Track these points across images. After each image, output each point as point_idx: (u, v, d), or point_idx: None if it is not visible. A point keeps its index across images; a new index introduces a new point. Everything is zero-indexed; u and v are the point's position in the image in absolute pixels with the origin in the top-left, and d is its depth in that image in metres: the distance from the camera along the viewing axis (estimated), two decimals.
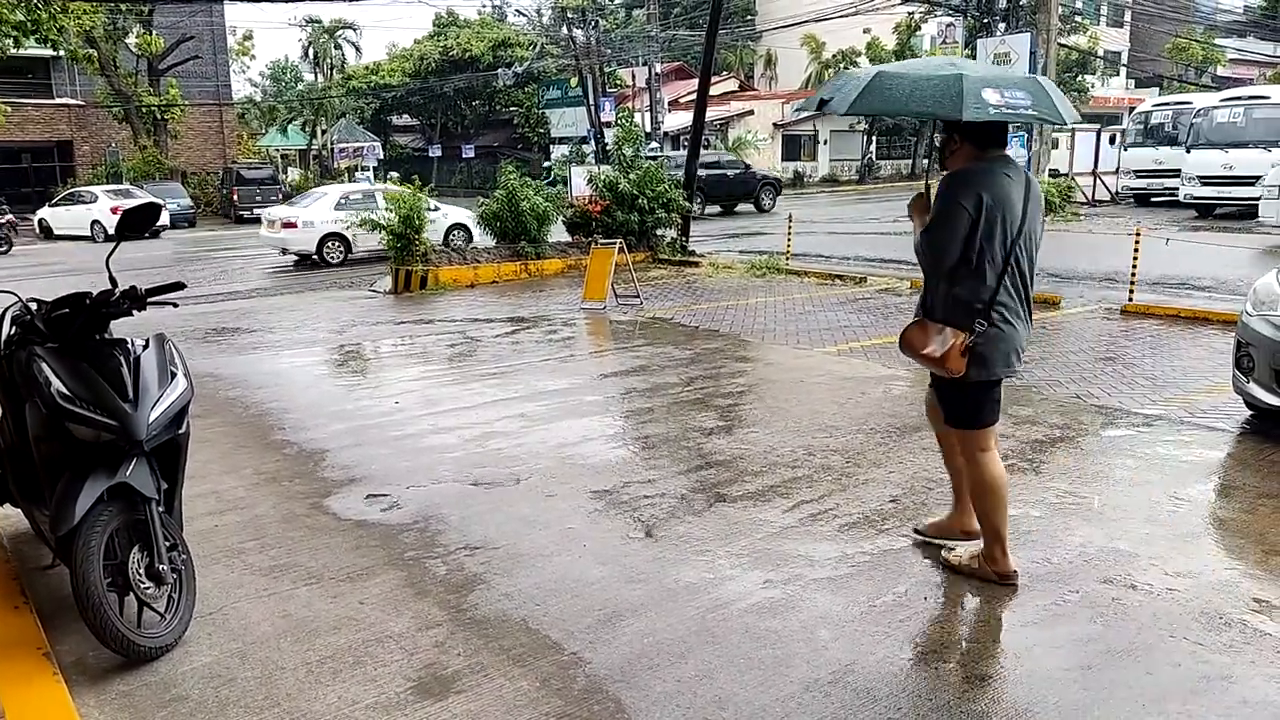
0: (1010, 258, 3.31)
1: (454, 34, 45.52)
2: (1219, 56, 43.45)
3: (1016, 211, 3.29)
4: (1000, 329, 3.35)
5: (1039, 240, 3.42)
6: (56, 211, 26.85)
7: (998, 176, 3.30)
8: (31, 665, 3.05)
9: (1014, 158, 3.46)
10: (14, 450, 3.55)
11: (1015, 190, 3.32)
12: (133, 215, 3.59)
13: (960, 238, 3.27)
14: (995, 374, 3.44)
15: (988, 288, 3.31)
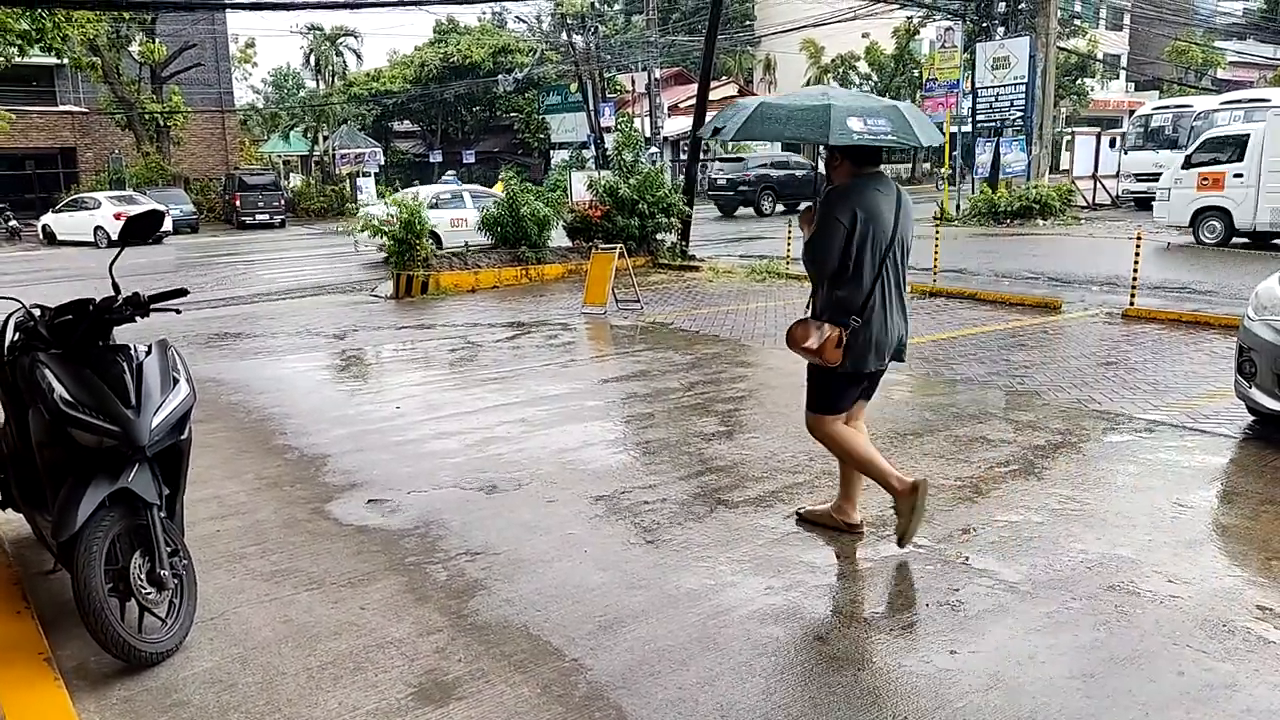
0: (883, 263, 3.72)
1: (454, 41, 45.63)
2: (1219, 59, 43.50)
3: (887, 222, 3.71)
4: (871, 326, 3.75)
5: (910, 246, 3.85)
6: (60, 217, 26.90)
7: (869, 192, 3.72)
8: (33, 670, 3.05)
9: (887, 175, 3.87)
10: (17, 456, 3.55)
11: (886, 203, 3.73)
12: (136, 222, 3.60)
13: (838, 247, 3.68)
14: (863, 368, 3.82)
15: (863, 290, 3.72)
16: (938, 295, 10.79)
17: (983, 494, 4.46)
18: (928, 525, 4.07)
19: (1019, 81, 21.13)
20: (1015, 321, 9.15)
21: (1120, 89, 47.52)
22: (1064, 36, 32.51)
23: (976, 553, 3.80)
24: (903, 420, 5.78)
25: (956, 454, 5.06)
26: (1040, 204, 20.11)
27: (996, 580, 3.56)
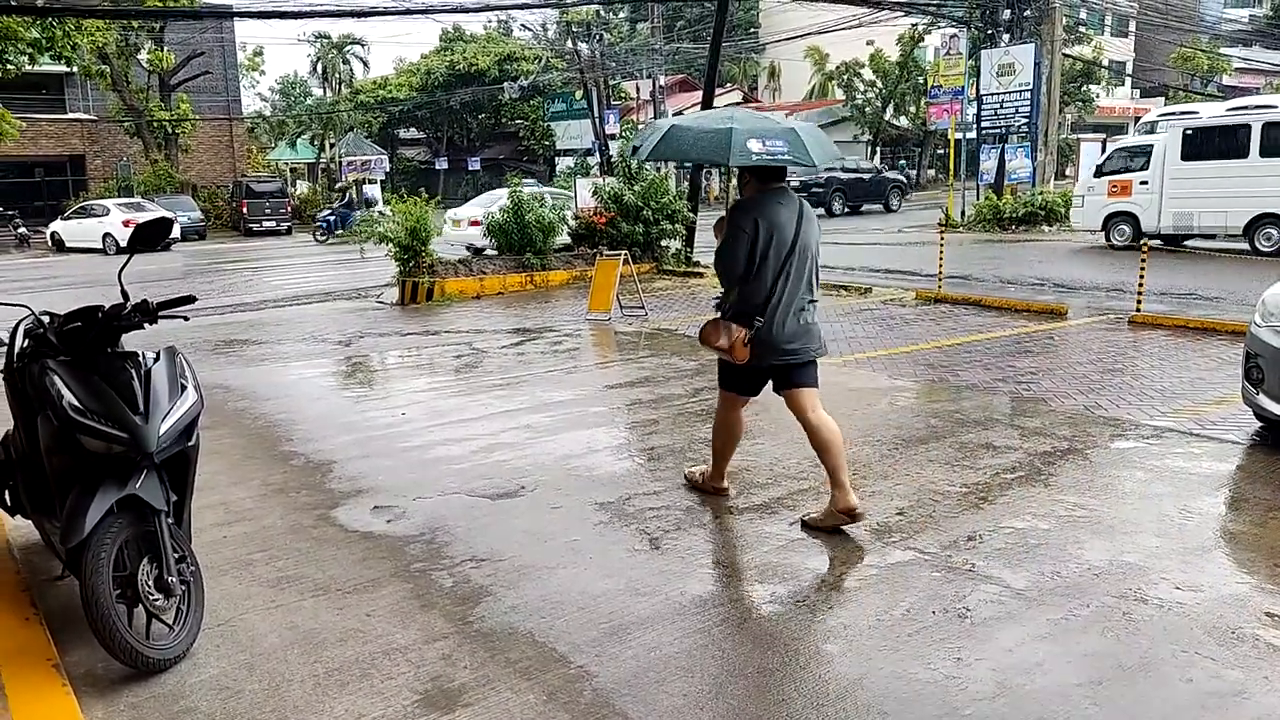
0: (784, 268, 4.06)
1: (460, 48, 45.82)
2: (1224, 65, 43.43)
3: (788, 232, 4.05)
4: (772, 324, 4.10)
5: (814, 253, 4.19)
6: (68, 225, 27.03)
7: (772, 204, 4.09)
8: (41, 676, 3.06)
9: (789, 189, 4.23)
10: (25, 462, 3.57)
11: (787, 215, 4.09)
12: (144, 229, 3.62)
13: (744, 253, 4.04)
14: (763, 363, 4.17)
15: (765, 292, 4.06)
16: (943, 301, 10.78)
17: (989, 501, 4.45)
18: (934, 532, 4.07)
19: (1024, 88, 21.13)
20: (1021, 328, 9.14)
21: (1126, 95, 47.49)
22: (1069, 43, 32.49)
23: (983, 560, 3.80)
24: (908, 427, 5.77)
25: (962, 460, 5.05)
26: (1046, 210, 20.10)
27: (1003, 587, 3.55)
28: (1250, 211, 13.91)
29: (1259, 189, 13.80)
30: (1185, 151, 14.89)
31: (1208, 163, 14.58)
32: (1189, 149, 14.86)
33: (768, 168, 4.11)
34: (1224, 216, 14.32)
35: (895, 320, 9.79)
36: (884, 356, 7.98)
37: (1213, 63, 42.63)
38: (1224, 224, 14.52)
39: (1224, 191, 14.20)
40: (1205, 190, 14.46)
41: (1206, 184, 14.44)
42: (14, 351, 3.64)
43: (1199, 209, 14.59)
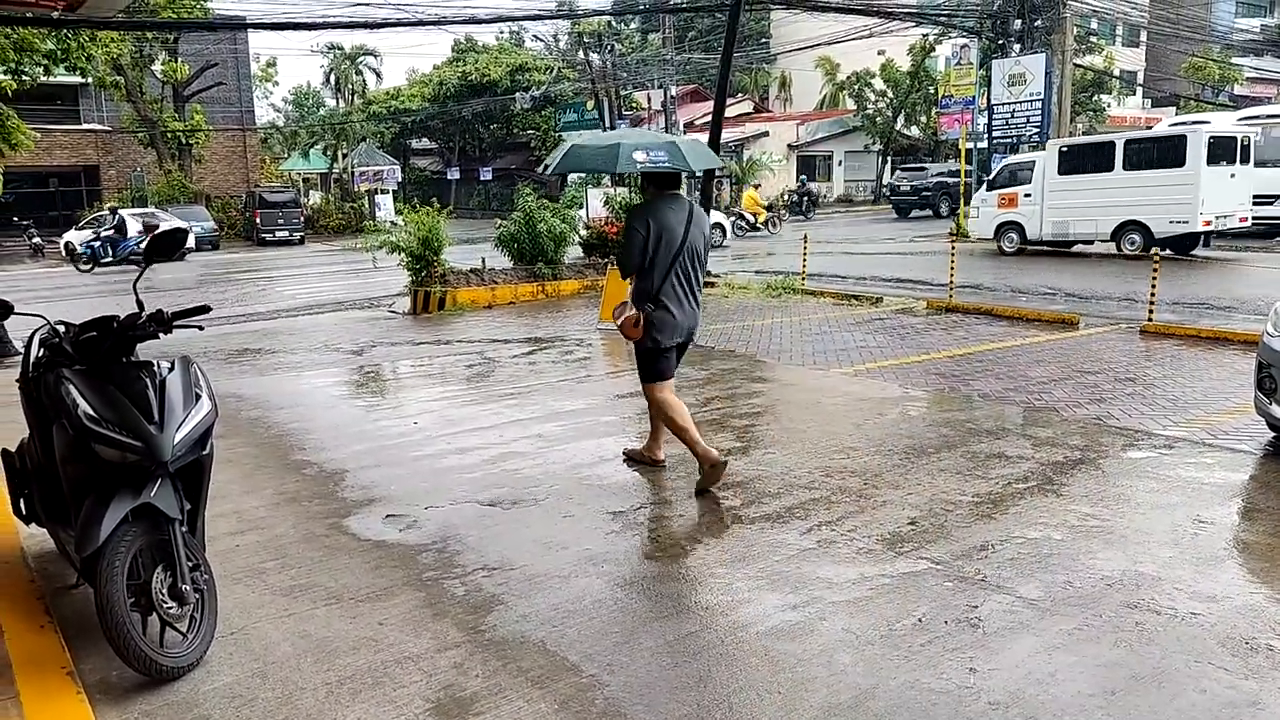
0: (673, 262, 4.73)
1: (472, 59, 46.06)
2: (1236, 75, 43.27)
3: (676, 232, 4.73)
4: (665, 311, 4.76)
5: (700, 251, 4.85)
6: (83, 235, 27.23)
7: (663, 208, 4.78)
8: (55, 684, 3.08)
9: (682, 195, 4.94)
10: (41, 471, 3.60)
11: (677, 217, 4.77)
12: (160, 240, 3.66)
13: (638, 249, 4.72)
14: (662, 343, 4.82)
15: (655, 283, 4.73)
16: (954, 311, 10.76)
17: (1001, 510, 4.44)
18: (946, 542, 4.06)
19: (1035, 98, 21.11)
20: (1033, 337, 9.11)
21: (1137, 105, 47.35)
22: (1080, 53, 32.43)
23: (995, 570, 3.78)
24: (920, 436, 5.76)
25: (974, 470, 5.04)
26: None
27: (1016, 597, 3.54)
28: (1116, 219, 15.54)
29: (1123, 200, 15.38)
30: (1061, 167, 16.36)
31: (1080, 176, 16.03)
32: (1064, 164, 16.33)
33: (663, 177, 4.85)
34: (1094, 224, 15.94)
35: (907, 330, 9.78)
36: (895, 366, 7.97)
37: (1224, 73, 42.49)
38: (1095, 231, 16.10)
39: (1094, 202, 15.79)
40: (1078, 201, 16.01)
41: (1079, 196, 15.98)
42: (29, 361, 3.67)
43: (1074, 218, 16.18)
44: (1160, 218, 14.96)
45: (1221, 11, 46.52)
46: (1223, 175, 15.01)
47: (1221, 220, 15.14)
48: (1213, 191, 14.76)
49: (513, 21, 40.55)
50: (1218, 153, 14.99)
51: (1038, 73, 21.03)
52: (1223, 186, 15.01)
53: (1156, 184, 14.99)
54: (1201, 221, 14.75)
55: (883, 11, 23.67)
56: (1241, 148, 15.37)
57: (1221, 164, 15.07)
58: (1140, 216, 15.21)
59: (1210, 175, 14.69)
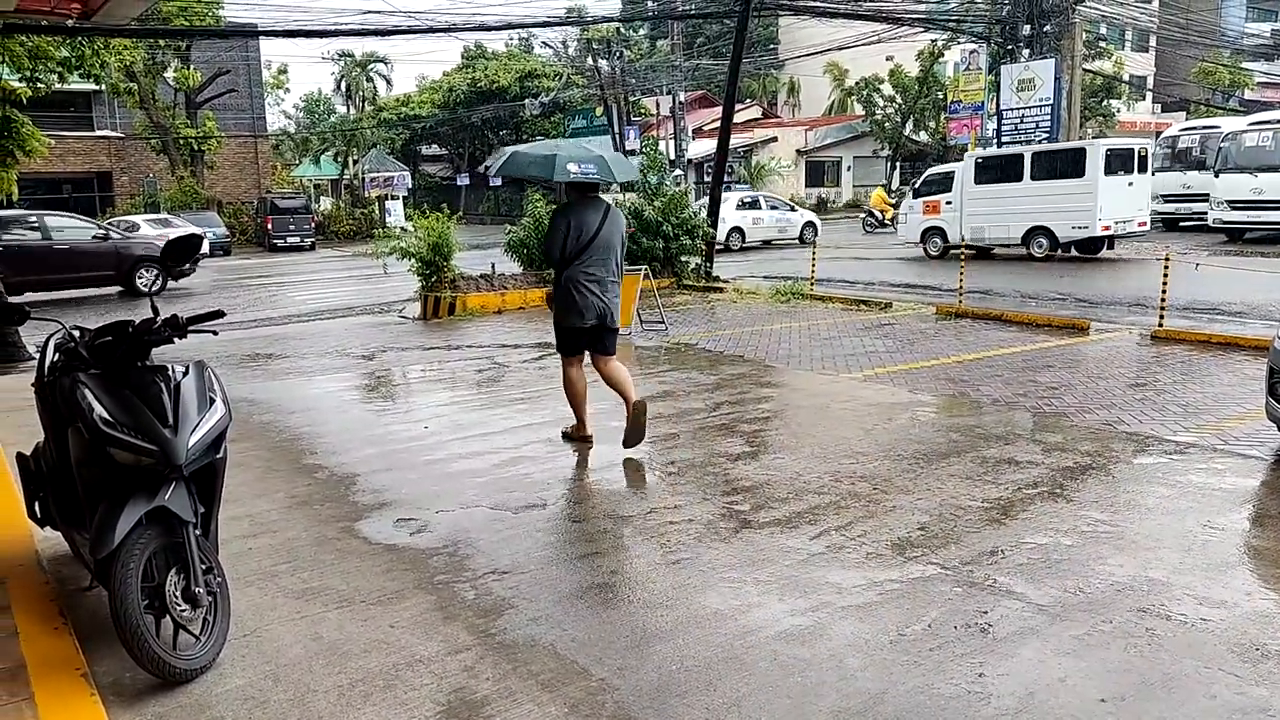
0: (584, 254, 5.53)
1: (482, 66, 46.26)
2: (1247, 80, 43.09)
3: (592, 230, 5.55)
4: (574, 295, 5.54)
5: (615, 247, 5.65)
6: None
7: (581, 210, 5.62)
8: (70, 686, 3.10)
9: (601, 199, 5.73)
10: (55, 474, 3.64)
11: (593, 217, 5.61)
12: (175, 246, 3.70)
13: (559, 242, 5.56)
14: (570, 324, 5.65)
15: (569, 270, 5.55)
16: (964, 316, 10.75)
17: (1011, 516, 4.44)
18: (956, 547, 4.06)
19: (1044, 103, 21.08)
20: (1042, 343, 9.09)
21: (1147, 110, 47.19)
22: (1089, 58, 32.36)
23: (1005, 575, 3.78)
24: (929, 441, 5.76)
25: (984, 475, 5.03)
26: None
27: (1025, 602, 3.54)
28: (1025, 225, 16.85)
29: (1031, 207, 16.70)
30: (978, 177, 17.71)
31: (994, 186, 17.41)
32: (980, 175, 17.71)
33: (584, 184, 5.69)
34: (1006, 229, 17.24)
35: (916, 335, 9.77)
36: (905, 371, 7.96)
37: (1235, 77, 42.32)
38: (1007, 235, 17.36)
39: (1006, 209, 17.12)
40: (993, 208, 17.32)
41: (993, 203, 17.32)
42: (45, 365, 3.71)
43: (988, 224, 17.48)
44: (1064, 223, 16.24)
45: (1232, 16, 46.35)
46: (1120, 184, 16.25)
47: (1121, 225, 16.33)
48: (1110, 199, 16.03)
49: (522, 28, 40.70)
50: (1115, 163, 16.26)
51: (1047, 78, 21.00)
52: (1120, 194, 16.24)
53: (1060, 192, 16.26)
54: (1100, 226, 15.98)
55: (891, 17, 23.68)
56: (1139, 158, 16.61)
57: (1119, 174, 16.29)
58: (1046, 222, 16.50)
59: (1108, 184, 15.98)
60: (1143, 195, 16.83)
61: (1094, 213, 15.93)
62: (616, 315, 5.71)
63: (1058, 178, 16.54)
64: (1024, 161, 17.16)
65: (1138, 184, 16.59)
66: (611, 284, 5.62)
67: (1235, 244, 18.54)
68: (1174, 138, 23.38)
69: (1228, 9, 46.75)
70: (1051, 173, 16.70)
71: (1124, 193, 16.33)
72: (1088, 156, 16.20)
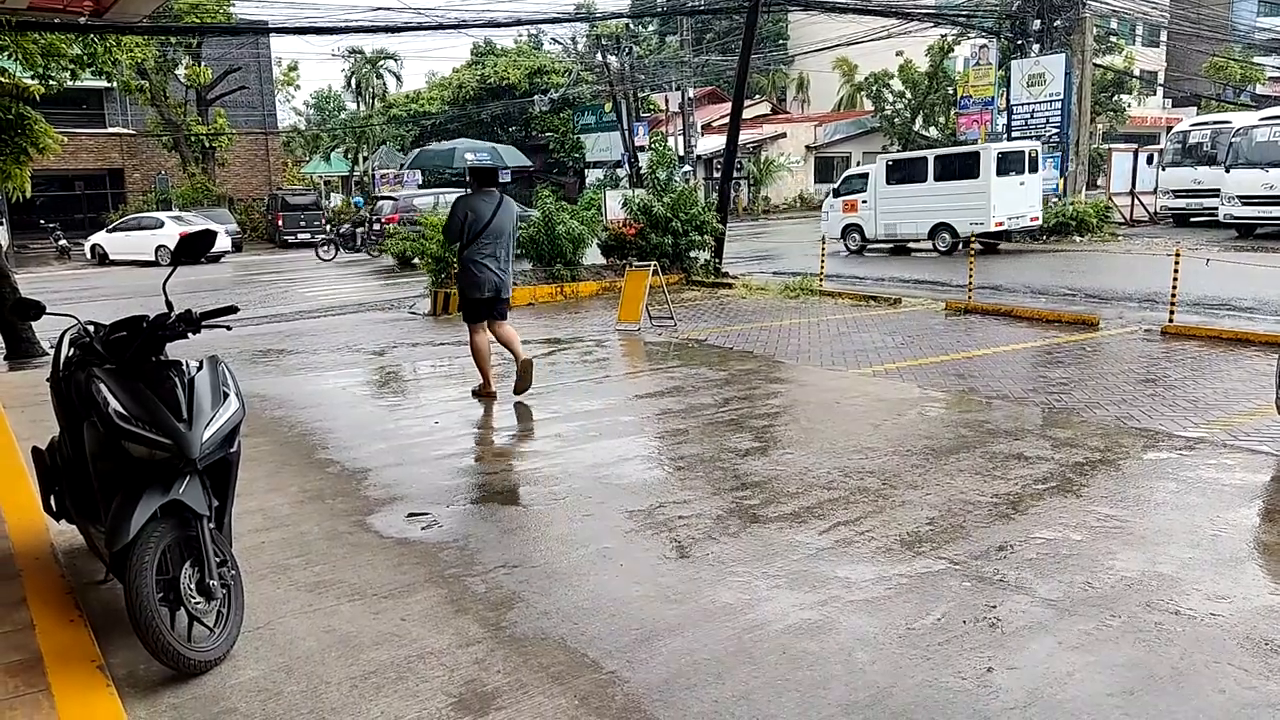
0: (479, 238, 6.64)
1: (491, 62, 46.27)
2: (1258, 75, 42.78)
3: (486, 217, 6.64)
4: (473, 272, 6.72)
5: (506, 231, 6.77)
6: (114, 237, 27.04)
7: (478, 200, 6.71)
8: (86, 677, 3.14)
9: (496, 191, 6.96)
10: (70, 468, 3.68)
11: (487, 206, 6.68)
12: (190, 241, 3.73)
13: (457, 229, 6.70)
14: (469, 296, 6.84)
15: (468, 251, 6.70)
16: (973, 312, 10.72)
17: (1020, 511, 4.44)
18: (965, 542, 4.06)
19: (1055, 98, 20.98)
20: (1052, 338, 9.07)
21: (1157, 105, 46.90)
22: (1100, 53, 32.17)
23: (1014, 570, 3.79)
24: (938, 437, 5.76)
25: (993, 471, 5.04)
26: (1077, 220, 19.92)
27: (1034, 597, 3.54)
28: (930, 222, 18.18)
29: (935, 205, 18.03)
30: (888, 178, 19.07)
31: (902, 186, 18.76)
32: (890, 176, 19.05)
33: (481, 176, 6.94)
34: (914, 226, 18.56)
35: (925, 331, 9.75)
36: (914, 367, 7.96)
37: (1246, 72, 42.01)
38: (915, 232, 18.68)
39: (913, 207, 18.45)
40: (902, 207, 18.67)
41: (903, 202, 18.66)
42: (60, 360, 3.75)
43: (899, 221, 18.88)
44: (963, 220, 17.45)
45: (1243, 11, 46.00)
46: (1012, 184, 17.66)
47: (1014, 221, 17.88)
48: (1003, 198, 17.50)
49: (531, 25, 40.67)
50: (1006, 165, 17.66)
51: (1057, 73, 20.90)
52: (1012, 193, 17.67)
53: (959, 192, 17.68)
54: (994, 223, 17.47)
55: (901, 12, 23.59)
56: (1029, 160, 17.97)
57: (1011, 174, 17.66)
58: (948, 219, 17.86)
59: (1000, 184, 17.44)
60: (1034, 194, 18.19)
61: (988, 210, 17.30)
62: (508, 288, 6.87)
63: (957, 178, 17.84)
64: (928, 164, 18.59)
65: (1029, 183, 17.96)
66: (504, 262, 6.75)
67: (1246, 239, 18.43)
68: (1185, 133, 23.24)
69: (1239, 4, 46.39)
70: (951, 174, 18.00)
71: (1016, 192, 17.73)
72: (981, 159, 17.64)
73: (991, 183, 17.38)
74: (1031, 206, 18.19)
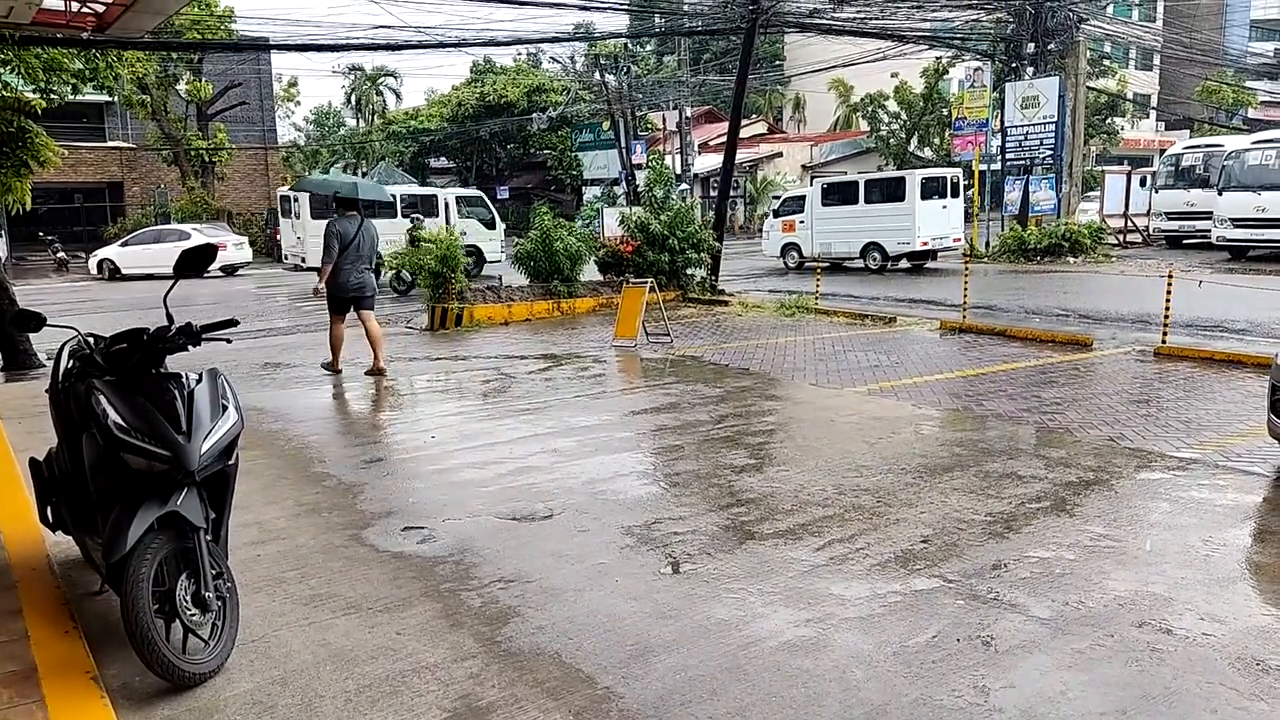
0: (347, 252, 8.60)
1: (490, 80, 46.54)
2: (1250, 99, 43.19)
3: (350, 235, 8.60)
4: (343, 277, 8.67)
5: (365, 248, 8.75)
6: (129, 251, 26.19)
7: (343, 222, 8.71)
8: (80, 689, 3.14)
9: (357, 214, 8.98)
10: (68, 479, 3.68)
11: (351, 227, 8.66)
12: (190, 256, 3.76)
13: (333, 245, 8.58)
14: (337, 295, 8.74)
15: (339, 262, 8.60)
16: (967, 331, 10.78)
17: (1014, 530, 4.46)
18: (959, 560, 4.08)
19: (1048, 121, 21.16)
20: (1046, 358, 9.12)
21: (1151, 128, 47.28)
22: (1093, 76, 32.47)
23: (1008, 588, 3.80)
24: (932, 455, 5.78)
25: (987, 489, 5.06)
26: (1070, 241, 20.06)
27: (1028, 616, 3.56)
28: (862, 241, 19.55)
29: (866, 226, 19.42)
30: (824, 200, 20.36)
31: (836, 208, 20.08)
32: (826, 198, 20.37)
33: (344, 204, 9.01)
34: (848, 245, 19.95)
35: (920, 350, 9.80)
36: (908, 385, 7.99)
37: (1238, 96, 42.41)
38: (848, 251, 20.00)
39: (847, 228, 19.82)
40: (836, 227, 20.06)
41: (837, 223, 20.04)
42: (60, 372, 3.76)
43: (833, 241, 20.25)
44: (891, 240, 19.06)
45: (1235, 36, 46.51)
46: (935, 207, 19.01)
47: (937, 241, 19.24)
48: (927, 220, 18.84)
49: (530, 44, 40.95)
50: (930, 189, 18.96)
51: (1051, 96, 21.08)
52: (935, 216, 19.01)
53: (887, 214, 19.10)
54: (919, 242, 18.83)
55: (896, 35, 23.79)
56: (950, 185, 19.37)
57: (934, 198, 18.97)
58: (878, 239, 19.26)
59: (924, 207, 18.77)
60: (956, 216, 19.67)
61: (914, 231, 18.74)
62: (371, 287, 8.90)
63: (885, 201, 19.25)
64: (859, 188, 20.09)
65: (950, 207, 19.42)
66: (365, 270, 8.78)
67: (1238, 261, 18.55)
68: (1178, 155, 23.44)
69: (1231, 29, 46.90)
70: (880, 197, 19.43)
71: (939, 214, 19.12)
72: (907, 184, 18.97)
73: (916, 206, 18.71)
74: (954, 228, 19.68)
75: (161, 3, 8.81)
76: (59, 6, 8.72)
